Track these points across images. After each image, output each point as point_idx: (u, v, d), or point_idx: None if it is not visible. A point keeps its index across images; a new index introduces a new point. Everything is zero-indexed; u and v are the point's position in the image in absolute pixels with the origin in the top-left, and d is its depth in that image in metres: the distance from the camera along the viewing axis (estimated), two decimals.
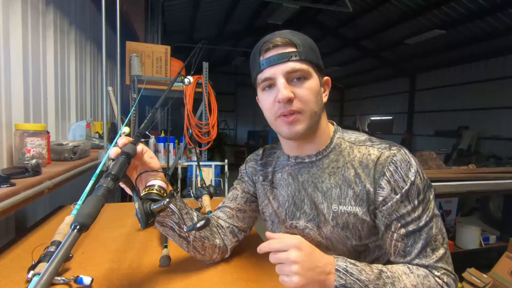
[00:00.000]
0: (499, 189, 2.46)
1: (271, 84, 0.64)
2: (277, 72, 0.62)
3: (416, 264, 0.59)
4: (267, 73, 0.63)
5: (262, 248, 0.56)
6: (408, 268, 0.58)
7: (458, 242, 2.44)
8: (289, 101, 0.61)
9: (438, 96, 8.41)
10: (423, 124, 9.01)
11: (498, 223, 3.34)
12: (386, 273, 0.56)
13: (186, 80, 1.01)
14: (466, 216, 4.01)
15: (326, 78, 0.69)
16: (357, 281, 0.53)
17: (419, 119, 9.18)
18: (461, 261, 2.34)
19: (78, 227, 0.41)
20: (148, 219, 0.55)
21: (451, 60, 7.72)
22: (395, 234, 0.61)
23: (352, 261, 0.56)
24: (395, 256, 0.62)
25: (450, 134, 7.70)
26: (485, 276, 2.09)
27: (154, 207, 0.55)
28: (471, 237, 2.40)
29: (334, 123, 0.74)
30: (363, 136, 0.70)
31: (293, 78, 0.63)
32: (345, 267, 0.54)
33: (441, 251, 0.60)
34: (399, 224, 0.60)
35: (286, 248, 0.53)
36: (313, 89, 0.63)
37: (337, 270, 0.54)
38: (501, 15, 5.60)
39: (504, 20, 5.68)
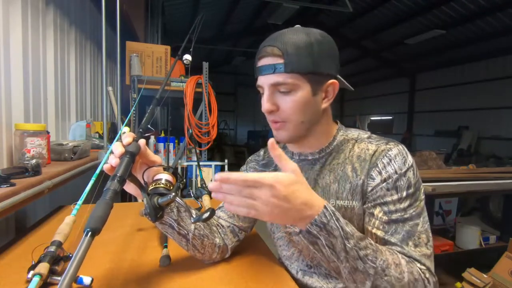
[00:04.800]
0: (499, 189, 2.46)
1: (262, 91, 0.65)
2: (264, 83, 0.63)
3: (399, 252, 0.57)
4: (259, 81, 0.65)
5: (224, 175, 0.47)
6: (392, 250, 0.57)
7: (458, 242, 2.44)
8: (272, 112, 0.64)
9: (438, 96, 8.41)
10: (423, 124, 9.01)
11: (498, 223, 3.34)
12: (370, 241, 0.54)
13: (185, 61, 1.01)
14: (466, 216, 4.01)
15: (329, 82, 0.64)
16: (340, 229, 0.50)
17: (419, 119, 9.19)
18: (461, 261, 2.34)
19: (90, 232, 0.42)
20: (156, 213, 0.56)
21: (451, 60, 7.72)
22: (376, 221, 0.60)
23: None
24: None
25: (450, 134, 7.70)
26: (485, 276, 2.08)
27: (161, 201, 0.55)
28: (471, 237, 2.40)
29: (338, 122, 0.75)
30: (365, 134, 0.71)
31: (278, 90, 0.63)
32: (333, 210, 0.51)
33: (425, 250, 0.58)
34: (382, 211, 0.59)
35: (258, 184, 0.46)
36: (299, 101, 0.62)
37: (325, 207, 0.50)
38: (501, 15, 5.60)
39: (504, 20, 5.68)
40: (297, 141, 0.69)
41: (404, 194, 0.60)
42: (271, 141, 0.50)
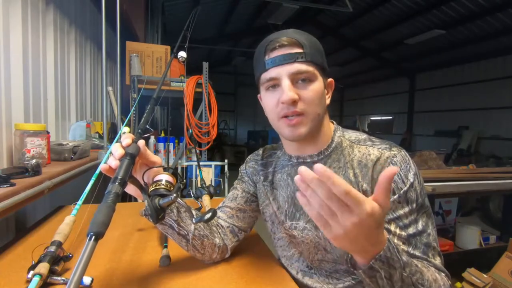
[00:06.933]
0: (499, 189, 2.46)
1: (275, 84, 0.63)
2: (282, 72, 0.61)
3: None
4: (272, 73, 0.62)
5: (328, 172, 0.39)
6: (424, 264, 0.58)
7: (458, 242, 2.44)
8: (294, 102, 0.61)
9: (438, 96, 8.41)
10: (423, 124, 9.01)
11: (498, 223, 3.34)
12: (415, 263, 0.53)
13: (180, 58, 1.01)
14: (466, 216, 4.01)
15: (329, 80, 0.69)
16: (400, 260, 0.48)
17: (419, 119, 9.18)
18: (461, 261, 2.34)
19: (94, 236, 0.42)
20: (158, 214, 0.56)
21: (451, 60, 7.72)
22: (395, 238, 0.60)
23: None
24: None
25: (450, 134, 7.70)
26: (485, 276, 2.09)
27: (163, 202, 0.55)
28: (471, 237, 2.40)
29: (334, 122, 0.74)
30: (363, 135, 0.70)
31: (298, 79, 0.62)
32: (394, 242, 0.50)
33: (440, 259, 0.61)
34: (398, 227, 0.60)
35: (356, 206, 0.40)
36: (318, 91, 0.63)
37: (389, 241, 0.47)
38: (501, 15, 5.59)
39: (504, 20, 5.68)
40: (309, 138, 0.67)
41: (414, 205, 0.60)
42: (394, 170, 0.42)
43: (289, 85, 0.61)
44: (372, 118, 11.66)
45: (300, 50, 0.61)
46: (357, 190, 0.61)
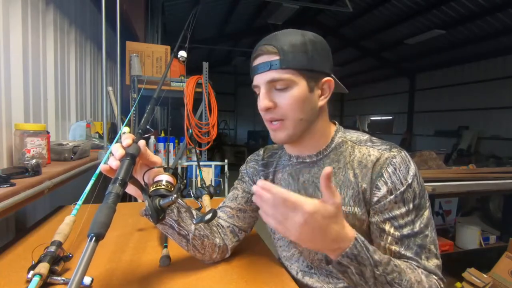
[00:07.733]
0: (499, 189, 2.46)
1: (258, 91, 0.66)
2: (260, 81, 0.64)
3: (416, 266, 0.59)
4: (255, 80, 0.65)
5: (267, 185, 0.48)
6: (411, 265, 0.58)
7: (458, 242, 2.44)
8: (268, 110, 0.63)
9: (438, 96, 8.41)
10: (423, 124, 9.01)
11: (498, 223, 3.34)
12: (394, 262, 0.55)
13: (180, 57, 1.02)
14: (466, 216, 4.01)
15: (325, 79, 0.65)
16: (370, 259, 0.51)
17: (419, 119, 9.18)
18: (461, 261, 2.34)
19: (94, 237, 0.42)
20: (158, 215, 0.56)
21: (451, 60, 7.72)
22: (389, 238, 0.60)
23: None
24: None
25: (450, 134, 7.70)
26: (485, 276, 2.09)
27: (163, 202, 0.55)
28: (471, 237, 2.40)
29: (336, 122, 0.74)
30: (364, 136, 0.70)
31: (274, 87, 0.63)
32: (363, 240, 0.52)
33: (436, 261, 0.60)
34: (393, 227, 0.60)
35: (297, 208, 0.46)
36: (297, 97, 0.62)
37: (356, 239, 0.50)
38: (501, 15, 5.59)
39: (504, 20, 5.68)
40: (296, 141, 0.68)
41: (411, 206, 0.60)
42: (328, 170, 0.46)
43: (264, 93, 0.63)
44: (372, 118, 11.67)
45: (275, 58, 0.61)
46: (357, 190, 0.63)
